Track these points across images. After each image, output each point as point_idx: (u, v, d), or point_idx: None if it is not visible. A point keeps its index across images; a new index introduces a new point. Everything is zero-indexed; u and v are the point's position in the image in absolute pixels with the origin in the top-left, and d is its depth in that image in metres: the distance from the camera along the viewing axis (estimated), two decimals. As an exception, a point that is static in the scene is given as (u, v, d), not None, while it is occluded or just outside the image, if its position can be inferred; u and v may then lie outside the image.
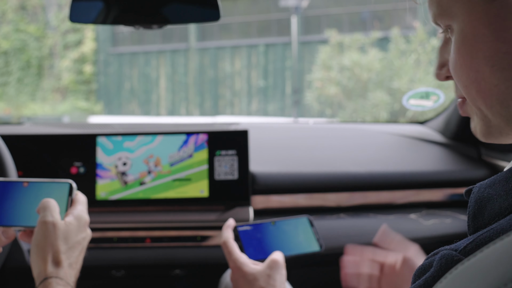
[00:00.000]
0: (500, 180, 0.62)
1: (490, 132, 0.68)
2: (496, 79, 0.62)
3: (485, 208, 0.62)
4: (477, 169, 1.66)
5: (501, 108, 0.64)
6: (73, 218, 0.94)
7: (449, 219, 1.58)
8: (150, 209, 1.48)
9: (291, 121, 10.48)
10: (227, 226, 1.12)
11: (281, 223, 1.18)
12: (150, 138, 1.50)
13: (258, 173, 1.54)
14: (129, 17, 1.21)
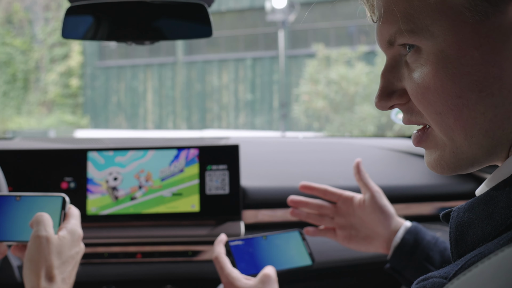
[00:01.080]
0: (478, 204, 0.61)
1: (460, 165, 0.63)
2: (483, 106, 0.58)
3: (467, 234, 0.60)
4: (465, 183, 1.67)
5: (483, 138, 0.60)
6: (67, 232, 0.94)
7: (439, 232, 1.59)
8: (141, 224, 1.47)
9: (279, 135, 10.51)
10: (219, 241, 1.12)
11: (273, 237, 1.18)
12: (142, 153, 1.50)
13: (248, 188, 1.55)
14: (122, 33, 1.22)
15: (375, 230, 1.18)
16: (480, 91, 0.58)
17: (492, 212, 0.58)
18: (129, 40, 1.22)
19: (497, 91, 0.57)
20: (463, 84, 0.58)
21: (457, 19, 0.57)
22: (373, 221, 1.19)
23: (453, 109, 0.59)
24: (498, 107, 0.58)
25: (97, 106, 15.30)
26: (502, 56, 0.56)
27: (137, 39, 1.22)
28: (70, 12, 1.19)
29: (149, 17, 1.20)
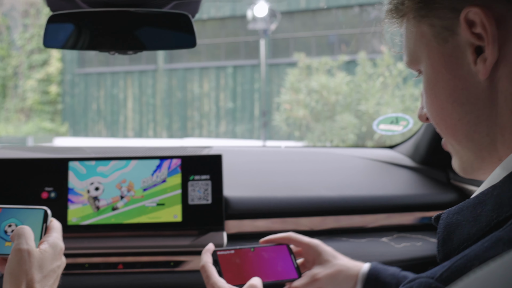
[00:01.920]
0: (468, 206, 0.65)
1: (465, 168, 0.73)
2: (458, 114, 0.68)
3: (453, 234, 0.64)
4: (446, 193, 1.69)
5: (467, 142, 0.69)
6: (48, 245, 0.92)
7: (420, 242, 1.60)
8: (123, 234, 1.46)
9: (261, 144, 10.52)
10: (206, 250, 1.12)
11: (261, 249, 1.17)
12: (124, 163, 1.49)
13: (231, 198, 1.54)
14: (104, 42, 1.21)
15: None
16: (453, 101, 0.68)
17: (479, 215, 0.62)
18: (112, 49, 1.22)
19: (465, 100, 0.67)
20: (442, 97, 0.69)
21: (429, 45, 0.70)
22: (329, 278, 1.14)
23: (441, 119, 0.70)
24: (469, 114, 0.67)
25: (77, 113, 15.16)
26: (464, 70, 0.66)
27: (120, 49, 1.21)
28: (51, 21, 1.18)
29: (132, 27, 1.19)
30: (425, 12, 0.69)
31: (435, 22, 0.68)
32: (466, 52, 0.66)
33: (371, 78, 9.55)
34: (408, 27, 0.72)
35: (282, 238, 1.19)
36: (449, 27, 0.66)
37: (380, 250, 1.56)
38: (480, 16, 0.63)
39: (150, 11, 1.18)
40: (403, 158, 1.87)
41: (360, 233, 1.61)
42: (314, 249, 1.16)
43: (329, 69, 10.23)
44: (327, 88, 9.63)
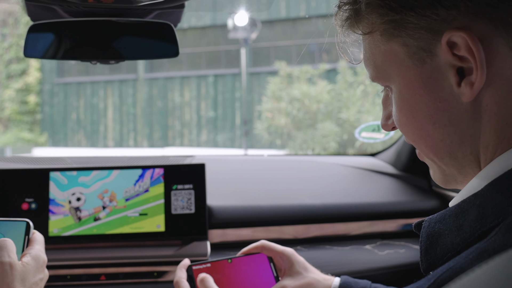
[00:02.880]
0: (449, 215, 0.65)
1: (447, 180, 0.72)
2: (440, 135, 0.66)
3: (436, 244, 0.64)
4: (428, 199, 1.71)
5: (450, 160, 0.68)
6: (31, 258, 0.91)
7: (403, 249, 1.61)
8: (105, 245, 1.44)
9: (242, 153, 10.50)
10: (181, 265, 1.10)
11: (239, 260, 1.15)
12: (106, 173, 1.47)
13: (214, 207, 1.54)
14: (86, 52, 1.20)
15: None
16: (434, 123, 0.66)
17: (462, 224, 0.62)
18: (94, 59, 1.21)
19: (448, 121, 0.65)
20: (421, 118, 0.67)
21: (403, 64, 0.67)
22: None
23: (420, 138, 0.69)
24: (452, 135, 0.65)
25: (56, 123, 15.01)
26: (445, 92, 0.64)
27: (101, 59, 1.20)
28: (32, 30, 1.17)
29: (114, 36, 1.19)
30: (397, 31, 0.65)
31: (409, 42, 0.65)
32: (447, 74, 0.63)
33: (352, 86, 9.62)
34: (375, 43, 0.69)
35: (255, 248, 1.16)
36: (426, 48, 0.64)
37: (364, 257, 1.56)
38: (465, 39, 0.61)
39: (132, 21, 1.17)
40: (385, 166, 1.88)
41: (344, 240, 1.61)
42: (287, 258, 1.13)
43: (310, 77, 10.29)
44: (308, 96, 9.67)
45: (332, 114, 9.63)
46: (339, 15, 0.73)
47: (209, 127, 13.84)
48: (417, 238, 1.66)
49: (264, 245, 1.16)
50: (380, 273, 1.52)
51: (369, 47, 0.71)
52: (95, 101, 14.64)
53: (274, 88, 10.40)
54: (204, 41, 14.09)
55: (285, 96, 10.12)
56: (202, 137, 13.85)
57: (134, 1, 1.07)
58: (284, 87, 10.33)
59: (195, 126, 13.95)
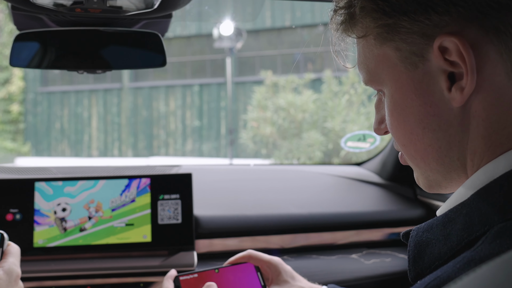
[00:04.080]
0: (437, 224, 0.65)
1: (431, 185, 0.73)
2: (429, 139, 0.67)
3: (424, 253, 0.64)
4: (414, 208, 1.72)
5: (437, 165, 0.68)
6: (3, 272, 0.89)
7: (389, 258, 1.62)
8: (91, 256, 1.43)
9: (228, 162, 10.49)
10: (168, 276, 1.09)
11: (226, 270, 1.15)
12: (92, 183, 1.46)
13: (201, 217, 1.53)
14: (73, 62, 1.20)
15: None
16: (424, 128, 0.66)
17: (449, 233, 0.62)
18: (80, 69, 1.20)
19: (437, 126, 0.65)
20: (411, 122, 0.67)
21: (395, 68, 0.67)
22: None
23: (410, 142, 0.69)
24: (440, 140, 0.66)
25: (39, 132, 14.87)
26: (436, 96, 0.64)
27: (89, 68, 1.20)
28: (19, 39, 1.17)
29: (101, 46, 1.19)
30: (390, 35, 0.66)
31: (402, 47, 0.66)
32: (438, 79, 0.64)
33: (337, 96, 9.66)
34: (368, 47, 0.70)
35: (242, 257, 1.16)
36: (419, 53, 0.65)
37: (350, 266, 1.57)
38: (457, 45, 0.61)
39: (119, 30, 1.17)
40: (370, 175, 1.90)
41: (330, 250, 1.62)
42: (275, 267, 1.14)
43: (295, 87, 10.31)
44: (294, 105, 9.69)
45: (317, 124, 9.65)
46: (334, 19, 0.74)
47: (194, 136, 13.81)
48: (403, 247, 1.67)
49: (251, 254, 1.17)
50: (367, 282, 1.53)
51: (362, 51, 0.72)
52: (79, 110, 14.54)
53: (260, 97, 10.41)
54: (189, 50, 14.09)
55: (270, 105, 10.13)
56: (187, 147, 13.81)
57: (121, 11, 1.07)
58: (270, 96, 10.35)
59: (180, 135, 13.91)
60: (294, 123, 9.88)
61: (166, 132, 13.97)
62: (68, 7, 1.03)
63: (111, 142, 14.38)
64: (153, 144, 14.04)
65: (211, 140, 13.65)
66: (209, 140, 13.66)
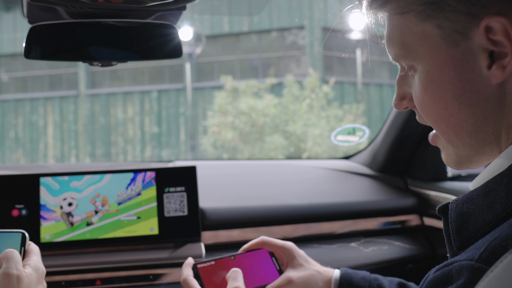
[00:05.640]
0: (477, 195, 0.69)
1: (461, 162, 0.76)
2: (465, 114, 0.70)
3: (468, 222, 0.68)
4: (406, 198, 1.78)
5: (470, 139, 0.71)
6: (32, 270, 0.90)
7: (386, 246, 1.68)
8: (99, 250, 1.43)
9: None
10: (187, 264, 1.11)
11: (241, 256, 1.17)
12: (98, 177, 1.46)
13: (206, 209, 1.55)
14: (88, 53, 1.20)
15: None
16: (460, 103, 0.70)
17: (493, 202, 0.66)
18: (96, 60, 1.21)
19: (474, 102, 0.69)
20: (446, 98, 0.70)
21: (435, 45, 0.70)
22: (303, 282, 1.14)
23: (443, 117, 0.72)
24: (477, 115, 0.69)
25: (-8, 141, 14.46)
26: (475, 73, 0.68)
27: (104, 60, 1.21)
28: (34, 32, 1.16)
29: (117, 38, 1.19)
30: (434, 13, 0.68)
31: (445, 24, 0.68)
32: (478, 57, 0.67)
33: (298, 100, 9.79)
34: (406, 24, 0.71)
35: (256, 244, 1.19)
36: (461, 31, 0.67)
37: (351, 255, 1.61)
38: (503, 25, 0.64)
39: (136, 22, 1.19)
40: (360, 167, 1.95)
41: (330, 239, 1.66)
42: (289, 252, 1.17)
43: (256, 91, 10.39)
44: (255, 110, 9.77)
45: (279, 127, 9.75)
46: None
47: (153, 143, 13.70)
48: (397, 235, 1.74)
49: (264, 240, 1.19)
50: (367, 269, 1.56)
51: (398, 27, 0.73)
52: (34, 118, 14.20)
53: (221, 102, 10.44)
54: (147, 57, 13.96)
55: (231, 110, 10.17)
56: (146, 153, 13.68)
57: (143, 1, 1.09)
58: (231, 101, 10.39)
59: (139, 142, 13.77)
60: (256, 127, 9.95)
61: (125, 139, 13.81)
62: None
63: (68, 150, 14.10)
64: (111, 151, 13.85)
65: (171, 146, 13.57)
66: (169, 146, 13.57)
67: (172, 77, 13.78)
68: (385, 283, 1.15)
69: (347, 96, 12.78)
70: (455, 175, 1.81)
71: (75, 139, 14.07)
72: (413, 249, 1.72)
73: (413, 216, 1.78)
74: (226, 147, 10.34)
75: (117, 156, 13.80)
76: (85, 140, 13.95)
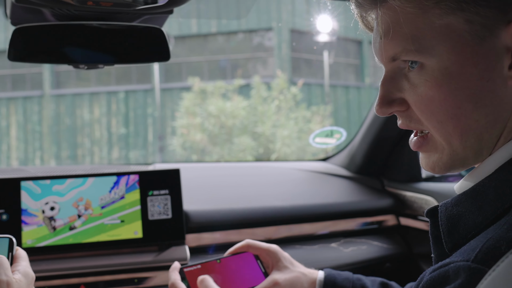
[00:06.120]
0: (466, 199, 0.70)
1: (453, 166, 0.73)
2: (478, 115, 0.68)
3: (458, 224, 0.70)
4: (383, 198, 1.82)
5: (475, 142, 0.70)
6: (21, 275, 0.89)
7: (365, 245, 1.71)
8: (82, 254, 1.42)
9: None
10: (174, 268, 1.12)
11: (227, 260, 1.18)
12: (81, 181, 1.45)
13: (190, 211, 1.55)
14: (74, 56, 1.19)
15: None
16: (476, 102, 0.68)
17: (482, 205, 0.68)
18: (82, 63, 1.20)
19: (489, 102, 0.68)
20: (462, 96, 0.68)
21: (460, 41, 0.67)
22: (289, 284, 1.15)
23: (452, 117, 0.69)
24: (489, 115, 0.69)
25: (-48, 143, 14.07)
26: (495, 72, 0.67)
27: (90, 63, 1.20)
28: (18, 34, 1.15)
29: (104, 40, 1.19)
30: (466, 6, 0.65)
31: (475, 19, 0.66)
32: (502, 56, 0.66)
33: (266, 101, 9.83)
34: (426, 17, 0.68)
35: (241, 247, 1.20)
36: (490, 27, 0.65)
37: (332, 255, 1.64)
38: None
39: (123, 25, 1.18)
40: (338, 169, 1.98)
41: (311, 240, 1.68)
42: (274, 254, 1.18)
43: (224, 93, 10.39)
44: (224, 111, 9.77)
45: (247, 129, 9.77)
46: None
47: (121, 144, 13.55)
48: (376, 235, 1.77)
49: (249, 244, 1.21)
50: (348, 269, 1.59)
51: (412, 20, 0.69)
52: (-4, 119, 13.89)
53: (188, 104, 10.40)
54: (113, 57, 13.81)
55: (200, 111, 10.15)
56: (113, 154, 13.52)
57: (132, 4, 1.09)
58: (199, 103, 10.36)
59: (105, 143, 13.60)
60: (225, 129, 9.95)
61: (91, 140, 13.62)
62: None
63: (32, 151, 13.83)
64: (78, 152, 13.64)
65: (138, 147, 13.45)
66: (136, 147, 13.45)
67: (140, 78, 13.65)
68: (367, 283, 1.17)
69: (315, 97, 12.89)
70: (429, 176, 1.85)
71: (39, 140, 13.81)
72: (390, 249, 1.76)
73: (390, 216, 1.82)
74: (195, 148, 10.31)
75: (84, 158, 13.61)
76: (50, 142, 13.70)
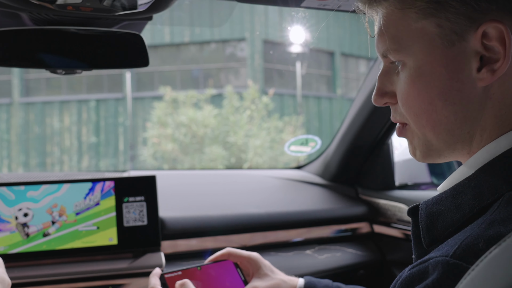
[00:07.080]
0: (446, 197, 0.74)
1: (430, 155, 0.79)
2: (447, 111, 0.73)
3: (437, 221, 0.73)
4: (357, 206, 1.84)
5: (447, 136, 0.75)
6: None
7: (339, 252, 1.73)
8: (56, 261, 1.40)
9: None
10: (154, 274, 1.12)
11: (207, 267, 1.19)
12: (56, 187, 1.43)
13: (165, 218, 1.55)
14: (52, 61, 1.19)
15: None
16: (445, 100, 0.73)
17: (461, 203, 0.71)
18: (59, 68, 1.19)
19: (458, 101, 0.73)
20: (433, 93, 0.74)
21: (431, 43, 0.73)
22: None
23: (425, 112, 0.75)
24: (458, 113, 0.74)
25: None
26: (464, 74, 0.72)
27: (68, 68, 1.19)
28: (-5, 38, 1.14)
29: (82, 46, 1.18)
30: (436, 12, 0.71)
31: (444, 24, 0.70)
32: (470, 59, 0.71)
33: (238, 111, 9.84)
34: (404, 19, 0.74)
35: (222, 255, 1.21)
36: (459, 32, 0.70)
37: (307, 262, 1.65)
38: (501, 31, 0.68)
39: (102, 31, 1.18)
40: (313, 177, 2.00)
41: (286, 247, 1.69)
42: (254, 262, 1.20)
43: (196, 102, 10.37)
44: (195, 121, 9.74)
45: (219, 138, 9.76)
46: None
47: (91, 153, 13.39)
48: (349, 243, 1.79)
49: (230, 252, 1.22)
50: (323, 275, 1.61)
51: (394, 22, 0.75)
52: (-37, 126, 13.60)
53: (160, 113, 10.34)
54: (84, 65, 13.66)
55: (171, 121, 10.10)
56: (83, 163, 13.35)
57: (112, 10, 1.09)
58: (170, 112, 10.31)
59: (75, 152, 13.42)
60: (196, 138, 9.92)
61: (61, 149, 13.42)
62: (61, 4, 1.04)
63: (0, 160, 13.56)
64: (47, 161, 13.42)
65: (109, 156, 13.31)
66: (107, 156, 13.30)
67: (111, 87, 13.54)
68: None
69: (287, 108, 12.97)
70: (402, 184, 1.89)
71: (7, 149, 13.55)
72: (364, 255, 1.78)
73: (364, 224, 1.84)
74: (166, 158, 10.25)
75: (53, 167, 13.40)
76: (18, 150, 13.46)
